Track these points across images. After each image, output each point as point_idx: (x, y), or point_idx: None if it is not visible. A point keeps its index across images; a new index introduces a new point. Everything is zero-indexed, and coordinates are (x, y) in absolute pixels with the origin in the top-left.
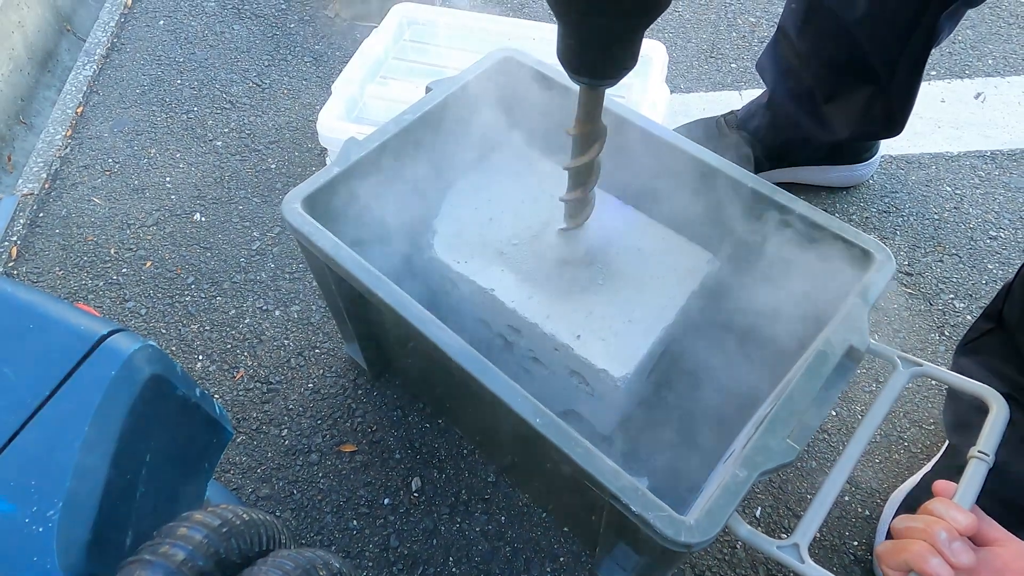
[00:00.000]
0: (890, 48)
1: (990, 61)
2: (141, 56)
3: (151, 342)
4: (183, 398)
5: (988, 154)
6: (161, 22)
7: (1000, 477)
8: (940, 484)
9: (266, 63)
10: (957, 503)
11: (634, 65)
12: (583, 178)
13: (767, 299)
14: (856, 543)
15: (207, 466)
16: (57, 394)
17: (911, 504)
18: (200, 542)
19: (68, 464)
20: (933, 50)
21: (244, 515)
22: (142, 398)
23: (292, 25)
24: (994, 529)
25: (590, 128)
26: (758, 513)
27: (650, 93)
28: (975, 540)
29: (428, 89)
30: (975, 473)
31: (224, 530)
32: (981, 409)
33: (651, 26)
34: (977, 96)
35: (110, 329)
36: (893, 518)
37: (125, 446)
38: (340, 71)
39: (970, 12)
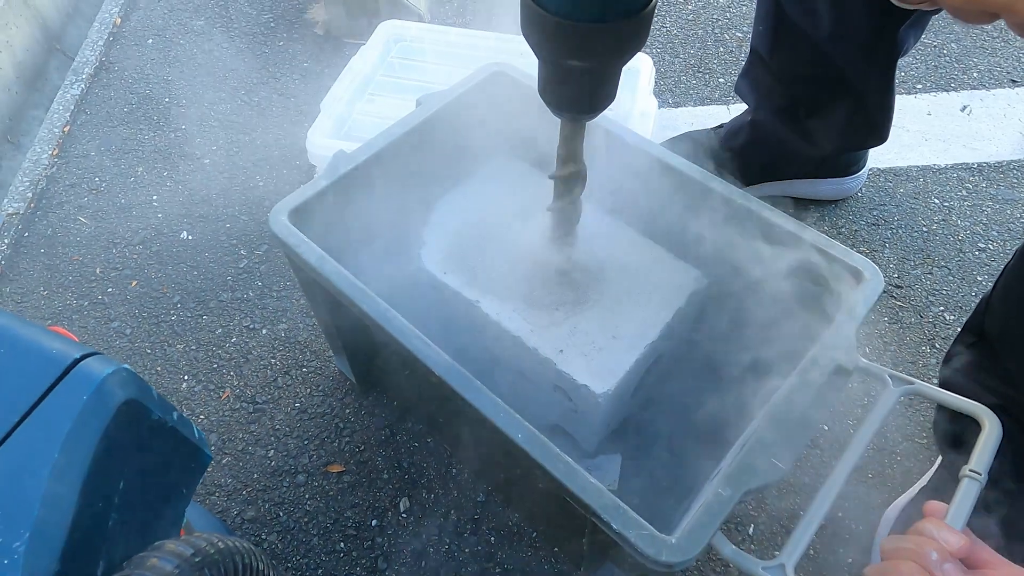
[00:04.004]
0: (859, 61)
1: (975, 74)
2: (129, 75)
3: (125, 365)
4: (159, 422)
5: (975, 166)
6: (150, 41)
7: (996, 489)
8: (931, 504)
9: (254, 81)
10: (949, 523)
11: (613, 100)
12: (570, 187)
13: (755, 316)
14: (851, 560)
15: (185, 491)
16: (27, 420)
17: (907, 520)
18: (171, 573)
19: (36, 493)
20: (919, 63)
21: (219, 543)
22: (115, 423)
23: (280, 43)
24: (986, 552)
25: (572, 168)
26: (751, 531)
27: (639, 103)
28: (966, 562)
29: (418, 103)
30: (967, 492)
31: (197, 560)
32: (972, 424)
33: None
34: (963, 109)
35: (83, 353)
36: (889, 534)
37: (97, 473)
38: (328, 89)
39: (954, 26)
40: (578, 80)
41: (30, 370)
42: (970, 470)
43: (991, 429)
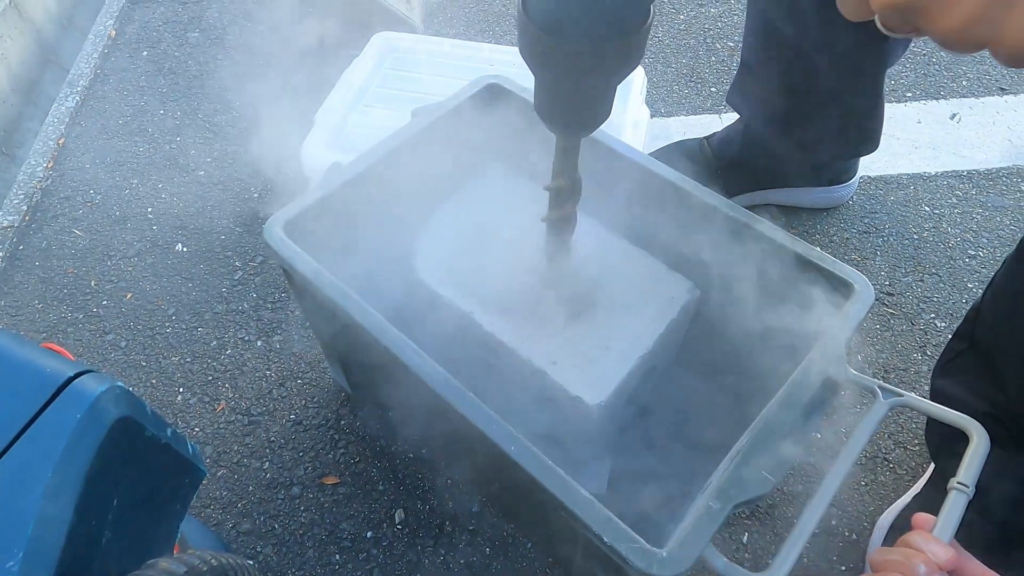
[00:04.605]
0: (848, 71)
1: (964, 83)
2: (124, 87)
3: (119, 383)
4: (153, 439)
5: (965, 174)
6: (144, 53)
7: (987, 497)
8: (919, 517)
9: (249, 92)
10: (936, 536)
11: (608, 117)
12: (564, 199)
13: (747, 328)
14: (844, 568)
15: (179, 508)
16: (19, 440)
17: (900, 528)
18: None
19: (30, 513)
20: (908, 72)
21: (212, 560)
22: (109, 441)
23: (275, 54)
24: (973, 564)
25: (567, 180)
26: (745, 539)
27: (630, 113)
28: (953, 575)
29: (413, 115)
30: (954, 505)
31: None
32: (964, 432)
33: None
34: (952, 117)
35: (76, 371)
36: (882, 543)
37: (91, 492)
38: (323, 100)
39: None
40: (573, 97)
41: (23, 389)
42: (958, 483)
43: (979, 441)
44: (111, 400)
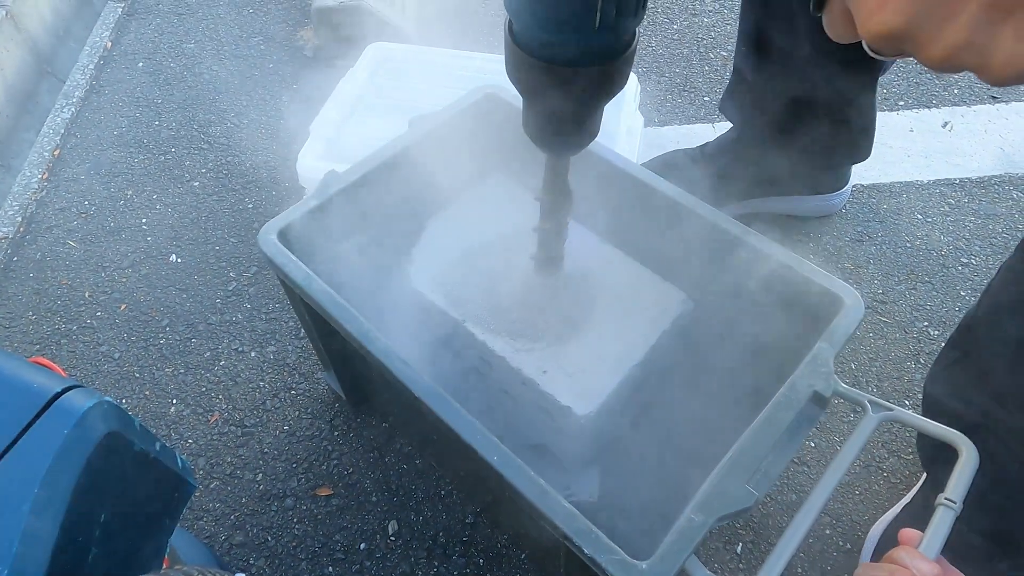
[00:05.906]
0: (840, 79)
1: (956, 91)
2: (120, 98)
3: (107, 398)
4: (141, 454)
5: (957, 182)
6: (140, 64)
7: (980, 507)
8: (905, 532)
9: (244, 103)
10: (922, 552)
11: (595, 136)
12: (556, 210)
13: (738, 340)
14: None
15: (168, 522)
16: (7, 456)
17: (890, 539)
18: None
19: (16, 529)
20: (900, 81)
21: None
22: (97, 457)
23: (270, 65)
24: None
25: (558, 193)
26: (739, 549)
27: (624, 121)
28: None
29: (410, 125)
30: (941, 521)
31: None
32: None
33: None
34: (944, 125)
35: (64, 386)
36: (874, 551)
37: (78, 507)
38: (318, 111)
39: None
40: (560, 119)
41: (10, 404)
42: (945, 498)
43: (968, 457)
44: (99, 415)
